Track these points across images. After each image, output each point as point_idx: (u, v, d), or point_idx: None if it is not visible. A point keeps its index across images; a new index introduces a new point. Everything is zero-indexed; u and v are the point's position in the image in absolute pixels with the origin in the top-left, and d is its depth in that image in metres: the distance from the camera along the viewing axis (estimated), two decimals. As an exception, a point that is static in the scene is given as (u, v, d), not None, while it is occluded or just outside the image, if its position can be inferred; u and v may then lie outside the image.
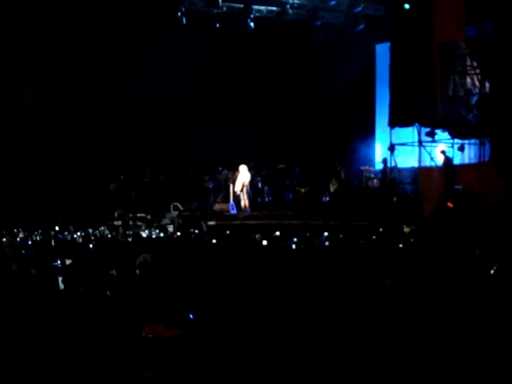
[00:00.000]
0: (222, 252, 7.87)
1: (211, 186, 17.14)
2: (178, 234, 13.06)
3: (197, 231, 13.47)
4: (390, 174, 15.43)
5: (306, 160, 18.41)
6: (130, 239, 11.52)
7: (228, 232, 12.58)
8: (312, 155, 18.37)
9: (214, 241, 10.20)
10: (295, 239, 9.69)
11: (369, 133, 18.97)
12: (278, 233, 11.29)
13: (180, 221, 15.11)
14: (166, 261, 6.47)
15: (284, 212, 15.72)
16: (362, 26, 18.01)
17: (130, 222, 15.34)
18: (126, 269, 5.59)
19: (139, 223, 15.31)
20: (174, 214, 15.63)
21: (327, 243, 9.17)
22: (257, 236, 10.21)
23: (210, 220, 14.57)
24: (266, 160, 18.47)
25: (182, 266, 6.20)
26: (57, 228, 13.59)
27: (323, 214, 14.74)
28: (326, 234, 11.10)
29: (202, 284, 5.02)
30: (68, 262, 6.22)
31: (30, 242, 10.76)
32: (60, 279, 5.04)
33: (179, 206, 16.11)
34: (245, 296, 4.35)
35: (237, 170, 16.05)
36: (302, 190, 17.44)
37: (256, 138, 17.41)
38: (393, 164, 15.10)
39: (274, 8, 17.69)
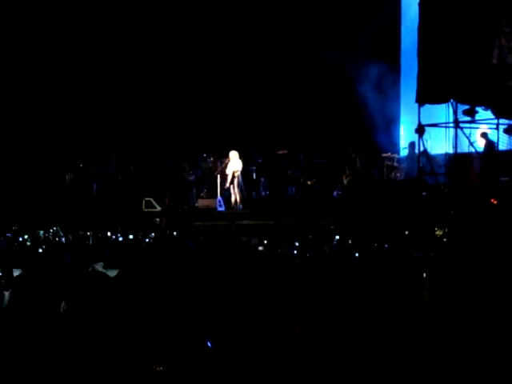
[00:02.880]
0: (206, 261, 7.94)
1: (193, 177, 17.29)
2: (152, 235, 13.11)
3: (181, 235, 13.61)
4: (418, 162, 15.47)
5: (312, 145, 18.44)
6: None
7: (214, 235, 12.73)
8: (320, 139, 18.44)
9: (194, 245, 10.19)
10: (297, 244, 9.84)
11: (392, 111, 18.83)
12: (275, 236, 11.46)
13: (160, 221, 15.32)
14: (132, 274, 6.49)
15: (285, 210, 15.80)
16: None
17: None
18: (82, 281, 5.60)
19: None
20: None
21: (338, 249, 9.18)
22: (252, 240, 10.30)
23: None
24: (262, 145, 18.58)
25: (153, 280, 6.20)
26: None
27: (334, 212, 14.77)
28: (337, 237, 11.12)
29: (181, 302, 5.11)
30: (16, 272, 6.25)
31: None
32: (6, 294, 5.09)
33: (153, 202, 16.29)
34: (236, 315, 4.43)
35: (226, 157, 16.18)
36: (308, 183, 17.44)
37: (249, 116, 17.64)
38: (422, 150, 15.06)
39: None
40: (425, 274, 5.69)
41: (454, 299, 4.36)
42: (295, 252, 8.89)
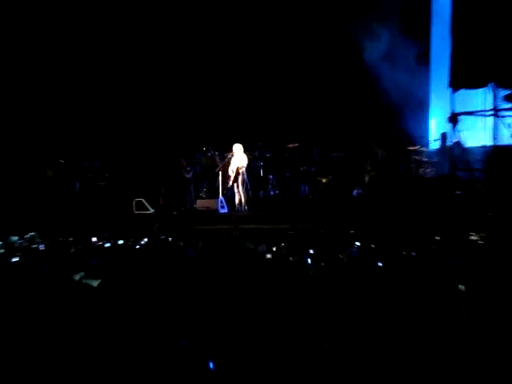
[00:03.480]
0: (207, 271, 7.72)
1: (191, 174, 17.38)
2: (145, 241, 12.89)
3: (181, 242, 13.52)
4: (451, 156, 15.38)
5: (328, 137, 18.50)
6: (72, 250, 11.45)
7: (215, 241, 12.39)
8: (337, 130, 18.51)
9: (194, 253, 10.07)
10: (311, 251, 9.63)
11: (420, 97, 18.86)
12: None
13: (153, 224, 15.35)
14: (121, 286, 6.50)
15: (297, 212, 15.77)
16: None
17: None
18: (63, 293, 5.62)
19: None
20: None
21: (358, 257, 8.93)
22: (259, 247, 10.15)
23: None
24: (270, 137, 18.67)
25: (146, 293, 6.17)
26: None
27: (354, 214, 14.74)
28: (357, 244, 11.01)
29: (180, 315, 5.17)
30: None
31: None
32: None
33: (145, 203, 16.32)
34: (246, 334, 4.52)
35: (229, 151, 16.34)
36: (324, 181, 17.48)
37: (255, 104, 17.95)
38: (455, 142, 15.20)
39: None
40: (460, 286, 5.68)
41: (494, 314, 4.40)
42: (309, 261, 8.58)
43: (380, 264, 8.21)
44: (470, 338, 4.11)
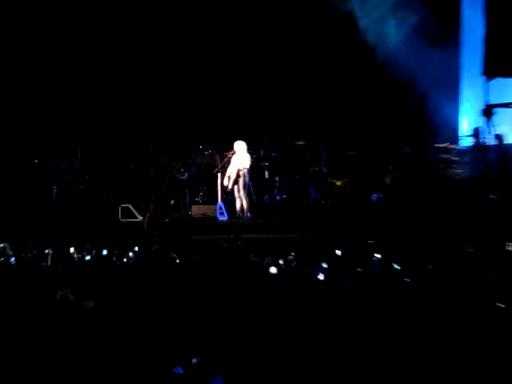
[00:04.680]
0: (203, 289, 7.89)
1: (186, 176, 17.20)
2: (133, 252, 12.93)
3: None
4: (484, 154, 15.37)
5: (342, 133, 18.55)
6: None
7: (213, 253, 12.34)
8: (353, 124, 18.58)
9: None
10: (325, 265, 9.62)
11: (449, 87, 18.86)
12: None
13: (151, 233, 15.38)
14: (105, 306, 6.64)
15: (307, 219, 15.77)
16: None
17: None
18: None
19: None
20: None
21: (381, 272, 9.08)
22: (264, 260, 10.17)
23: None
24: (276, 133, 18.70)
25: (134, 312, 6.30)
26: None
27: (373, 222, 14.70)
28: (378, 256, 10.89)
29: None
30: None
31: None
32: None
33: (132, 209, 16.40)
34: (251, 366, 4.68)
35: (230, 150, 16.21)
36: (338, 183, 17.54)
37: (258, 95, 18.12)
38: (490, 138, 15.14)
39: None
40: (499, 304, 5.68)
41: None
42: (321, 276, 8.72)
43: (407, 280, 8.23)
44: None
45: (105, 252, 12.82)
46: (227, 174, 16.08)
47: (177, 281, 8.91)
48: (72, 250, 13.25)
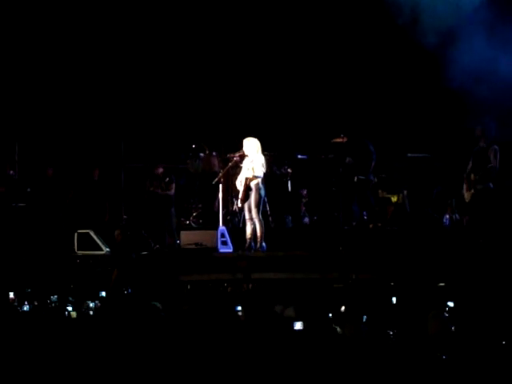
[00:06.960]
0: (198, 354, 8.36)
1: (172, 189, 17.78)
2: (91, 305, 13.50)
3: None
4: None
5: (396, 128, 19.45)
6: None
7: (211, 301, 13.61)
8: (411, 116, 19.52)
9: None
10: (365, 318, 10.09)
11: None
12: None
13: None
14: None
15: (348, 251, 16.10)
16: None
17: None
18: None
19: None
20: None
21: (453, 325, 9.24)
22: (285, 311, 10.43)
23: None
24: (301, 127, 19.99)
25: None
26: None
27: (445, 255, 15.24)
28: (450, 304, 11.85)
29: None
30: None
31: None
32: None
33: (94, 237, 17.03)
34: None
35: (236, 151, 16.71)
36: (393, 199, 18.27)
37: (278, 81, 19.80)
38: None
39: None
40: None
41: None
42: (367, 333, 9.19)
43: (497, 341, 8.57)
44: None
45: (54, 299, 13.80)
46: (238, 182, 16.30)
47: (161, 343, 9.27)
48: (12, 295, 14.26)
